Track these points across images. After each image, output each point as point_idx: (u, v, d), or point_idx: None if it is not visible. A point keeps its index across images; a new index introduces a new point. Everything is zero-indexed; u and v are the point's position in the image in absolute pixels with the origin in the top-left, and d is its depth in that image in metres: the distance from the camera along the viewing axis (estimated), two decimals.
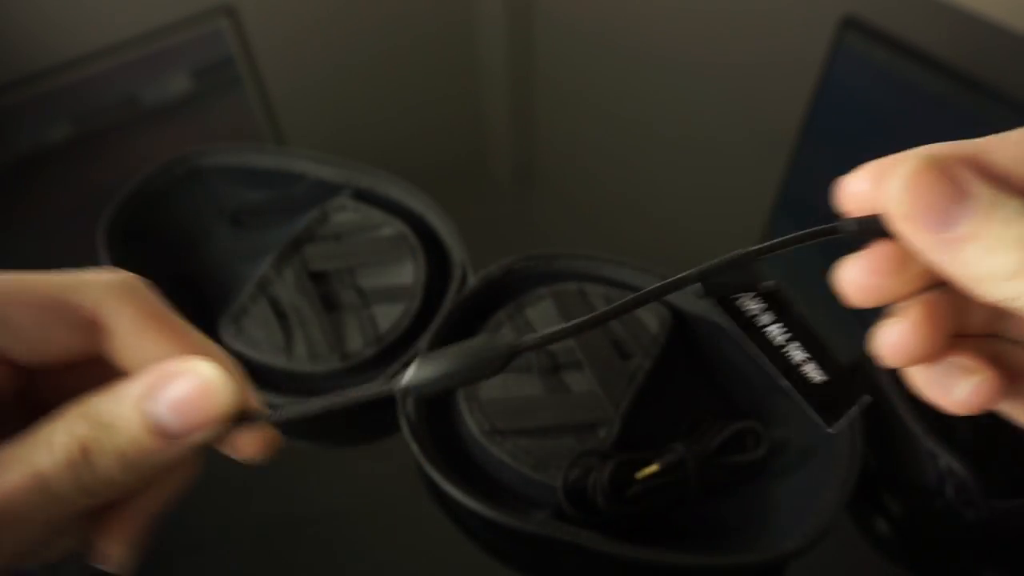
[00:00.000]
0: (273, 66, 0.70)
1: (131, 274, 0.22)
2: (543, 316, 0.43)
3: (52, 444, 0.19)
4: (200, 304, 0.46)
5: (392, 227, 0.47)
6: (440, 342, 0.42)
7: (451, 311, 0.42)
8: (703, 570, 0.34)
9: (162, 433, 0.19)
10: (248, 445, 0.23)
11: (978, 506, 0.34)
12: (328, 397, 0.22)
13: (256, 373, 0.43)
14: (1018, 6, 0.67)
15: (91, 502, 0.19)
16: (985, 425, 0.41)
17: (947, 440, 0.35)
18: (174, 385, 0.19)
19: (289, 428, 0.43)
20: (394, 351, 0.42)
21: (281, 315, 0.43)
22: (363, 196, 0.50)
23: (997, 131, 0.18)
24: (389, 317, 0.43)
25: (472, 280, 0.44)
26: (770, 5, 0.77)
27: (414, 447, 0.37)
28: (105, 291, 0.21)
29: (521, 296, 0.44)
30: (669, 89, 0.69)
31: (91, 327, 0.21)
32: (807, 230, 0.19)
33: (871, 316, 0.27)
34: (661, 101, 0.68)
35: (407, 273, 0.45)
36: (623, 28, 0.75)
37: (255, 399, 0.22)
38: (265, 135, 0.64)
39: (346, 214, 0.48)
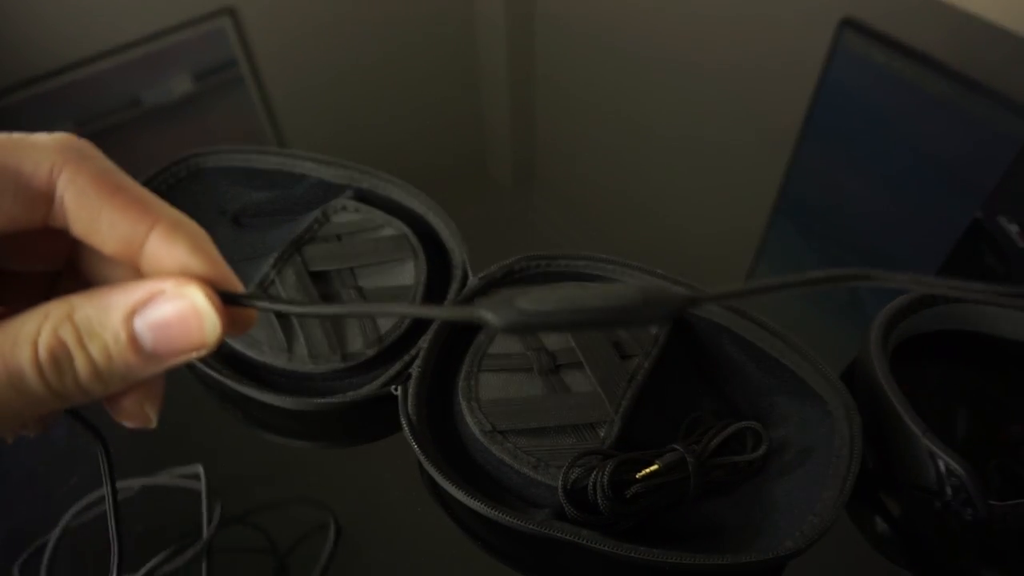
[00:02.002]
0: (274, 67, 0.71)
1: (82, 139, 0.20)
2: None
3: (33, 343, 0.18)
4: None
5: (393, 227, 0.47)
6: (440, 342, 0.42)
7: None
8: (703, 570, 0.34)
9: (145, 352, 0.19)
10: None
11: (978, 506, 0.34)
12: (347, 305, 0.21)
13: (257, 373, 0.43)
14: (1017, 7, 0.67)
15: (59, 405, 0.19)
16: (985, 425, 0.41)
17: (947, 440, 0.35)
18: (164, 307, 0.19)
19: (290, 428, 0.43)
20: (395, 351, 0.42)
21: (282, 315, 0.43)
22: (364, 197, 0.50)
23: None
24: (390, 318, 0.43)
25: (472, 280, 0.44)
26: (770, 6, 0.77)
27: (414, 447, 0.37)
28: (55, 156, 0.19)
29: None
30: (669, 90, 0.69)
31: (41, 196, 0.20)
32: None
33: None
34: (661, 102, 0.68)
35: (408, 273, 0.45)
36: (623, 29, 0.75)
37: (236, 279, 0.21)
38: (266, 136, 0.64)
39: (347, 215, 0.48)
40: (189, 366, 0.44)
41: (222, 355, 0.44)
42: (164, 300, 0.19)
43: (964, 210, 0.54)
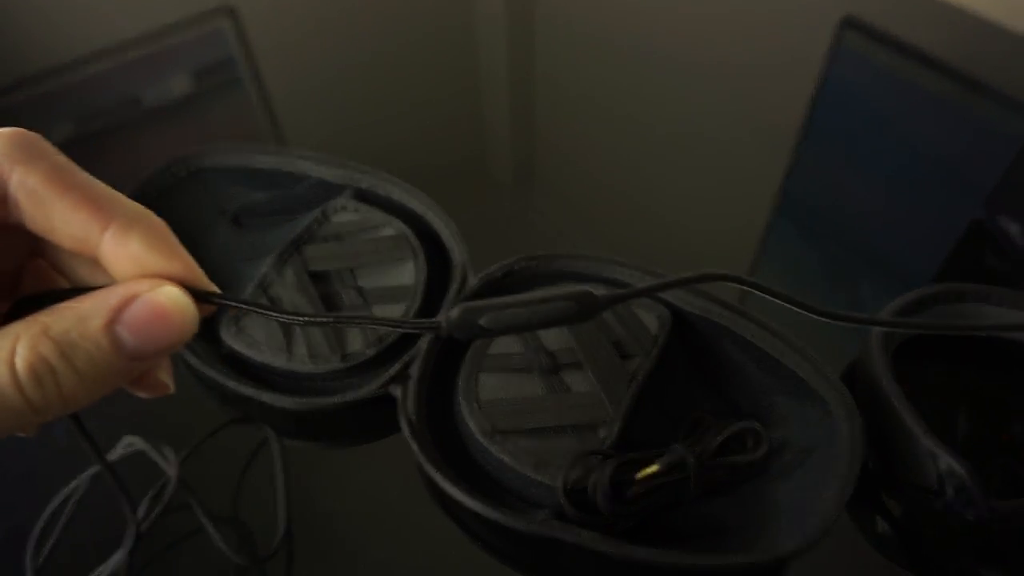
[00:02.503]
0: (274, 66, 0.71)
1: (30, 132, 0.21)
2: None
3: (9, 362, 0.18)
4: None
5: (393, 227, 0.47)
6: (440, 342, 0.42)
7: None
8: (703, 570, 0.34)
9: (129, 354, 0.19)
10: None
11: (978, 506, 0.34)
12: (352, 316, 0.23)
13: (257, 373, 0.43)
14: (1017, 6, 0.67)
15: (42, 419, 0.19)
16: (986, 425, 0.41)
17: (947, 440, 0.35)
18: (141, 309, 0.19)
19: (290, 428, 0.43)
20: (395, 351, 0.42)
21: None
22: (364, 196, 0.50)
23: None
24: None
25: (472, 280, 0.44)
26: (770, 6, 0.77)
27: (414, 447, 0.37)
28: (4, 155, 0.19)
29: None
30: (669, 89, 0.69)
31: None
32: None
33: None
34: (661, 101, 0.68)
35: (408, 273, 0.45)
36: (623, 28, 0.75)
37: (198, 269, 0.22)
38: (266, 135, 0.64)
39: (347, 214, 0.48)
40: (187, 366, 0.44)
41: (222, 355, 0.44)
42: (141, 304, 0.19)
43: (964, 210, 0.54)
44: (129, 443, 0.40)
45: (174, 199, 0.49)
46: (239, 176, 0.51)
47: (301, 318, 0.22)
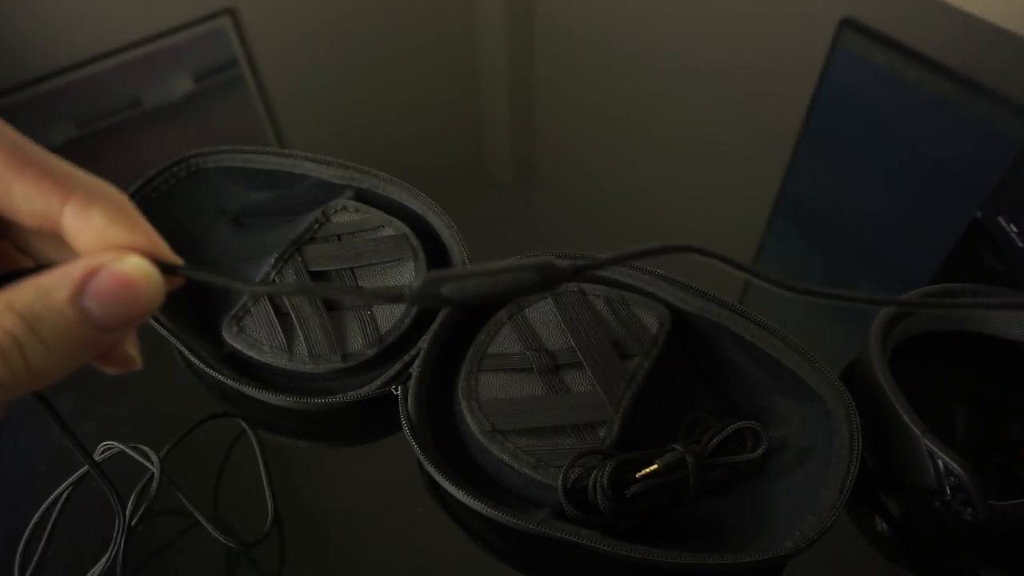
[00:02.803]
0: (274, 67, 0.71)
1: None
2: (543, 316, 0.43)
3: None
4: (202, 304, 0.46)
5: (393, 227, 0.47)
6: (440, 342, 0.42)
7: (451, 311, 0.43)
8: (703, 570, 0.34)
9: (96, 324, 0.19)
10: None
11: (977, 506, 0.34)
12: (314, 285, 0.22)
13: (257, 373, 0.43)
14: (1016, 8, 0.67)
15: (8, 396, 0.19)
16: (985, 425, 0.41)
17: (947, 440, 0.35)
18: (106, 279, 0.19)
19: (290, 428, 0.43)
20: (395, 351, 0.42)
21: (282, 315, 0.43)
22: (364, 197, 0.50)
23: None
24: (390, 317, 0.43)
25: None
26: (770, 7, 0.77)
27: (414, 447, 0.37)
28: None
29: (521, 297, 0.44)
30: (669, 90, 0.69)
31: None
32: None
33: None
34: (661, 102, 0.68)
35: (408, 273, 0.45)
36: (623, 29, 0.75)
37: (161, 241, 0.21)
38: (266, 136, 0.64)
39: (347, 214, 0.48)
40: (188, 364, 0.44)
41: (222, 355, 0.44)
42: (106, 274, 0.19)
43: (964, 210, 0.54)
44: (106, 447, 0.40)
45: (174, 199, 0.50)
46: (239, 176, 0.51)
47: (266, 288, 0.22)
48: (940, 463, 0.35)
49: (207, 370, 0.41)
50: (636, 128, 0.65)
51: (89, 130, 0.64)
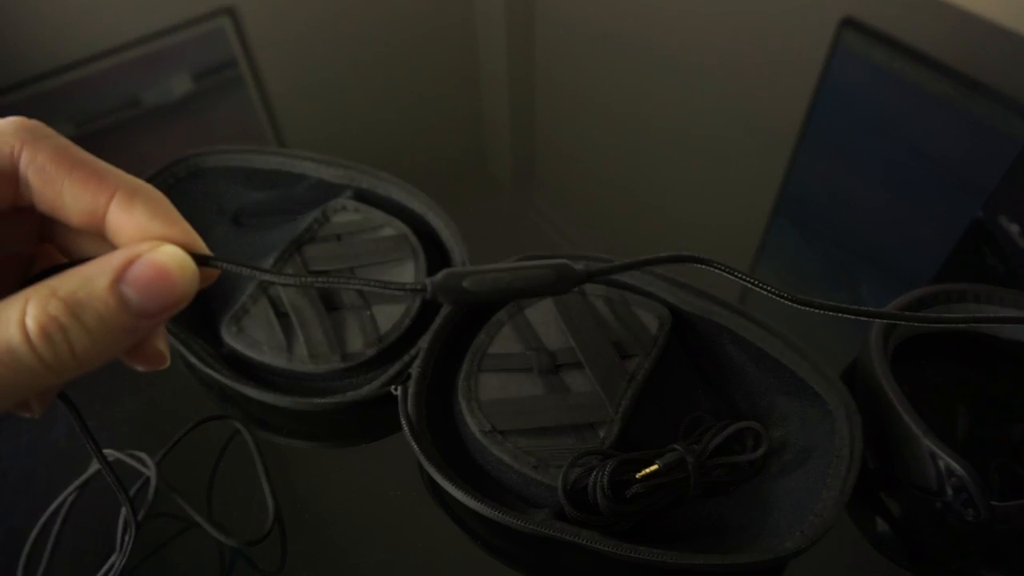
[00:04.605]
0: (274, 67, 0.71)
1: (33, 120, 0.22)
2: (543, 316, 0.43)
3: (20, 322, 0.19)
4: (202, 304, 0.46)
5: (393, 227, 0.47)
6: (440, 342, 0.42)
7: (451, 311, 0.42)
8: (703, 570, 0.34)
9: (134, 311, 0.20)
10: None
11: (978, 506, 0.34)
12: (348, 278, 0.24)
13: (257, 373, 0.43)
14: (1017, 7, 0.67)
15: (55, 380, 0.20)
16: (985, 425, 0.41)
17: (947, 440, 0.35)
18: (144, 268, 0.20)
19: (290, 428, 0.43)
20: (395, 351, 0.42)
21: (282, 315, 0.43)
22: (364, 196, 0.50)
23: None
24: (390, 317, 0.43)
25: None
26: (770, 6, 0.77)
27: (414, 447, 0.37)
28: (13, 139, 0.21)
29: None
30: (669, 89, 0.69)
31: (6, 177, 0.21)
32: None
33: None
34: (661, 101, 0.68)
35: (408, 273, 0.45)
36: (623, 28, 0.75)
37: (196, 236, 0.22)
38: (266, 136, 0.64)
39: (347, 214, 0.48)
40: (188, 366, 0.44)
41: (222, 355, 0.44)
42: (143, 263, 0.20)
43: (964, 210, 0.54)
44: (105, 454, 0.40)
45: (174, 199, 0.48)
46: (238, 176, 0.51)
47: (297, 279, 0.23)
48: (941, 463, 0.35)
49: (206, 370, 0.41)
50: (636, 128, 0.65)
51: (88, 129, 0.64)
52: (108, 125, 0.65)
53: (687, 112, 0.67)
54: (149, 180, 0.49)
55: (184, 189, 0.50)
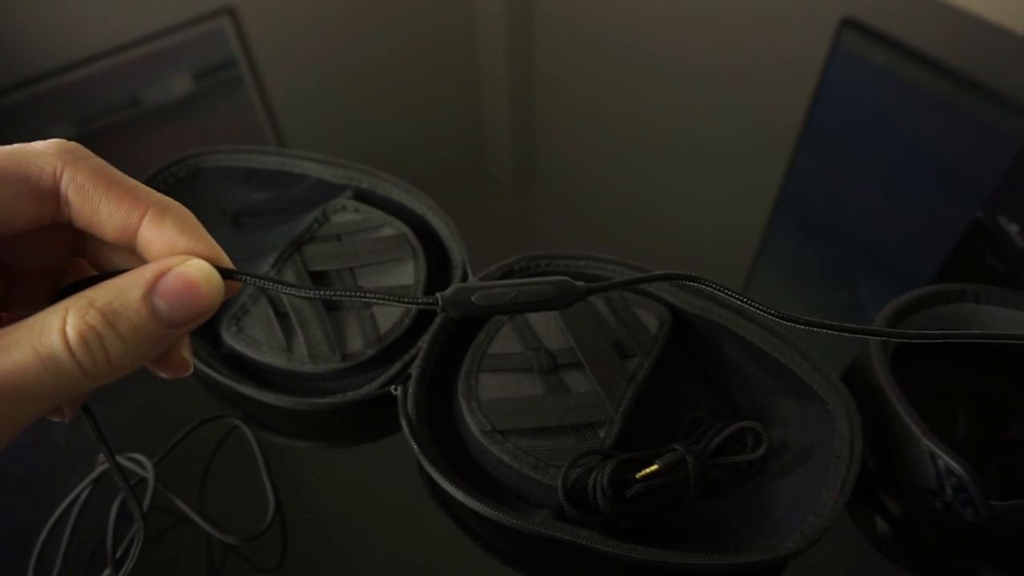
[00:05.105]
0: (274, 67, 0.71)
1: (73, 142, 0.23)
2: (543, 316, 0.43)
3: (61, 331, 0.20)
4: None
5: (392, 227, 0.47)
6: (440, 342, 0.42)
7: None
8: (703, 570, 0.34)
9: (164, 321, 0.22)
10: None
11: (978, 506, 0.34)
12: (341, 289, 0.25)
13: (257, 373, 0.43)
14: (1017, 7, 0.67)
15: (93, 384, 0.21)
16: (985, 425, 0.41)
17: (947, 440, 0.35)
18: (174, 280, 0.22)
19: (290, 428, 0.43)
20: (395, 351, 0.42)
21: (282, 315, 0.43)
22: (364, 196, 0.50)
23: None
24: (389, 317, 0.43)
25: (472, 280, 0.44)
26: (770, 6, 0.77)
27: (414, 447, 0.37)
28: (56, 159, 0.22)
29: None
30: (669, 89, 0.69)
31: (49, 195, 0.22)
32: None
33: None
34: (661, 101, 0.68)
35: (407, 273, 0.45)
36: (623, 28, 0.75)
37: (221, 251, 0.24)
38: (266, 136, 0.64)
39: (347, 214, 0.48)
40: None
41: (222, 355, 0.44)
42: (173, 276, 0.22)
43: (964, 210, 0.54)
44: (103, 460, 0.40)
45: (175, 199, 0.50)
46: (238, 176, 0.51)
47: (317, 292, 0.25)
48: (941, 463, 0.35)
49: (206, 370, 0.41)
50: (636, 128, 0.65)
51: (88, 129, 0.64)
52: (108, 125, 0.65)
53: (687, 112, 0.67)
54: (149, 180, 0.49)
55: (184, 189, 0.50)
